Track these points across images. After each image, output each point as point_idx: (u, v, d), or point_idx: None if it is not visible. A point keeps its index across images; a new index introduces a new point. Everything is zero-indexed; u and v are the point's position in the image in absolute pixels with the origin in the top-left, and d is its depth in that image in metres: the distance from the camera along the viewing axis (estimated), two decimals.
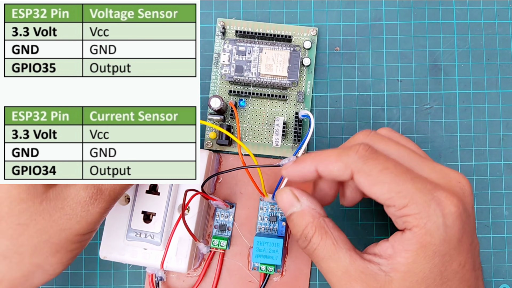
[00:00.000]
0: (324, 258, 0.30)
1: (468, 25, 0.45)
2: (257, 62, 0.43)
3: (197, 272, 0.43)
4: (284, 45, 0.43)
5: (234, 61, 0.43)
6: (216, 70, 0.44)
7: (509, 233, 0.43)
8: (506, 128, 0.44)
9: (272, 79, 0.43)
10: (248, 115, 0.44)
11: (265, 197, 0.42)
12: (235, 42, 0.43)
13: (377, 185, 0.28)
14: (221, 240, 0.42)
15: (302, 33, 0.44)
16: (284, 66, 0.42)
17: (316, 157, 0.31)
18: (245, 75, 0.43)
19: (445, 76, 0.44)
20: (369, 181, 0.28)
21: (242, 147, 0.38)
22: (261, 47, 0.43)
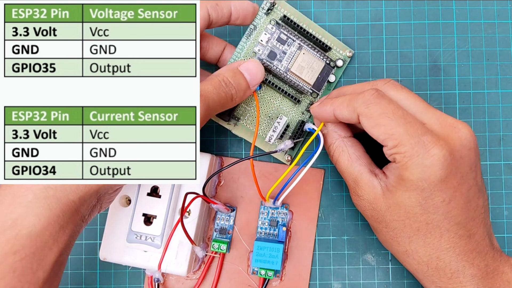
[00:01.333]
0: (341, 170, 0.37)
1: (468, 25, 0.45)
2: (291, 58, 0.41)
3: (196, 275, 0.43)
4: (321, 54, 0.42)
5: (270, 45, 0.42)
6: (246, 41, 0.42)
7: (509, 233, 0.43)
8: (506, 128, 0.44)
9: (297, 81, 0.42)
10: (263, 101, 0.43)
11: (266, 202, 0.41)
12: (279, 27, 0.41)
13: (375, 127, 0.33)
14: (221, 243, 0.42)
15: (339, 49, 0.43)
16: (314, 75, 0.42)
17: (334, 102, 0.36)
18: (275, 64, 0.41)
19: (445, 76, 0.44)
20: (370, 123, 0.33)
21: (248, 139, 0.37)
22: (302, 45, 0.41)
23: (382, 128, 0.32)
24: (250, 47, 0.42)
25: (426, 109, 0.34)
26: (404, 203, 0.33)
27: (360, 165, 0.36)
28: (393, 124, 0.32)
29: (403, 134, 0.32)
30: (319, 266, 0.43)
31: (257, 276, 0.43)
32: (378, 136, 0.33)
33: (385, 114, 0.32)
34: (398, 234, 0.34)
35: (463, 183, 0.32)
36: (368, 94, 0.33)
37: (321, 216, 0.44)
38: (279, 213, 0.43)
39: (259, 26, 0.42)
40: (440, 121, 0.33)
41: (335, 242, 0.44)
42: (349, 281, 0.43)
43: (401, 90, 0.35)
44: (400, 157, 0.32)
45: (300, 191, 0.43)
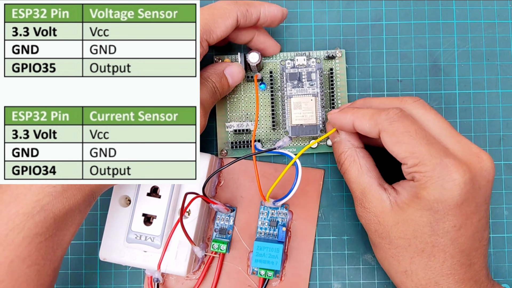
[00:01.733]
0: (350, 180, 0.37)
1: (468, 25, 0.45)
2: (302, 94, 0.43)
3: (196, 275, 0.43)
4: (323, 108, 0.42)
5: (299, 70, 0.43)
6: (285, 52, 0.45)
7: (509, 233, 0.43)
8: (506, 128, 0.44)
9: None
10: (252, 98, 0.44)
11: (266, 202, 0.41)
12: (320, 71, 0.43)
13: (397, 145, 0.33)
14: (221, 244, 0.42)
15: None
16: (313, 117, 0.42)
17: (355, 113, 0.36)
18: (286, 85, 0.43)
19: (445, 76, 0.44)
20: (391, 140, 0.33)
21: None
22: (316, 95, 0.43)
23: (404, 146, 0.32)
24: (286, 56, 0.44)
25: (452, 134, 0.34)
26: (414, 221, 0.33)
27: (370, 177, 0.36)
28: (415, 143, 0.32)
29: (425, 154, 0.32)
30: (319, 266, 0.43)
31: (257, 276, 0.43)
32: (398, 153, 0.33)
33: (408, 133, 0.32)
34: (400, 252, 0.34)
35: (476, 212, 0.32)
36: (393, 112, 0.33)
37: (321, 216, 0.44)
38: (279, 213, 0.43)
39: (312, 60, 0.43)
40: (465, 148, 0.33)
41: (335, 242, 0.44)
42: (349, 281, 0.43)
43: (429, 111, 0.35)
44: (420, 176, 0.32)
45: (300, 192, 0.43)
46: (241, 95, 0.44)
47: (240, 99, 0.44)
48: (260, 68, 0.43)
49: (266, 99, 0.44)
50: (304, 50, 0.44)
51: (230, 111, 0.44)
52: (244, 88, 0.44)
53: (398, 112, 0.33)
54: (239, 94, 0.44)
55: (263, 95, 0.44)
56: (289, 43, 0.45)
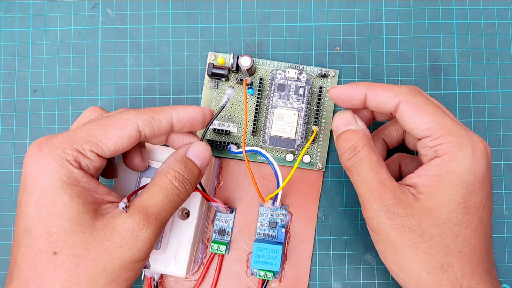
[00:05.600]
0: (366, 169, 0.32)
1: (468, 25, 0.45)
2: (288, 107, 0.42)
3: (195, 276, 0.43)
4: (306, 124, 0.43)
5: (288, 83, 0.42)
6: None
7: (509, 233, 0.44)
8: (506, 128, 0.44)
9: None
10: (238, 100, 0.44)
11: (265, 203, 0.41)
12: (308, 84, 0.43)
13: (420, 115, 0.31)
14: (220, 245, 0.42)
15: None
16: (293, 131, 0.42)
17: (369, 84, 0.34)
18: (273, 95, 0.42)
19: (445, 76, 0.44)
20: (413, 111, 0.32)
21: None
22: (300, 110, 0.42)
23: (428, 117, 0.31)
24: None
25: (455, 121, 0.33)
26: (447, 201, 0.31)
27: (387, 171, 0.33)
28: (440, 114, 0.32)
29: (450, 124, 0.31)
30: (319, 266, 0.43)
31: (256, 277, 0.42)
32: (421, 124, 0.32)
33: (431, 104, 0.32)
34: (434, 243, 0.31)
35: (490, 195, 0.32)
36: (412, 86, 0.33)
37: (321, 216, 0.44)
38: (278, 214, 0.43)
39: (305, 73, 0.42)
40: (466, 129, 0.33)
41: (335, 242, 0.44)
42: (349, 281, 0.43)
43: (433, 99, 0.34)
44: (447, 147, 0.31)
45: (299, 193, 0.43)
46: None
47: None
48: (252, 72, 0.43)
49: (251, 104, 0.44)
50: (304, 50, 0.44)
51: (214, 109, 0.44)
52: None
53: (418, 89, 0.33)
54: None
55: (249, 100, 0.44)
56: (289, 43, 0.45)
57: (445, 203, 0.31)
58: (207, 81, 0.44)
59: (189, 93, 0.45)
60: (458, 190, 0.30)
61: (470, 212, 0.31)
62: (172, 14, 0.45)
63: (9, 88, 0.45)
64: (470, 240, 0.31)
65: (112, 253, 0.29)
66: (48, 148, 0.29)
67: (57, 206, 0.29)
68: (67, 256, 0.29)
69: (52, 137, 0.30)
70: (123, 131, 0.31)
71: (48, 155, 0.29)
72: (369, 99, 0.34)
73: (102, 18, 0.45)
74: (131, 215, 0.30)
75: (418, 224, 0.31)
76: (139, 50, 0.45)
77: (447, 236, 0.31)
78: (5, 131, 0.45)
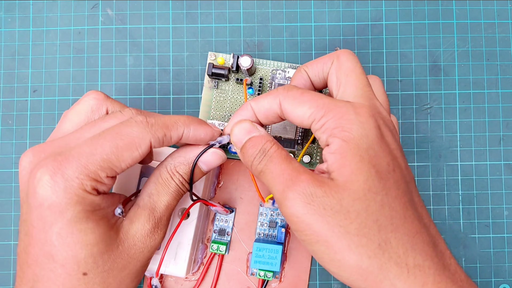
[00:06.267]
0: (277, 163, 0.30)
1: (468, 25, 0.45)
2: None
3: (195, 277, 0.43)
4: None
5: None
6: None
7: (509, 233, 0.44)
8: (506, 128, 0.44)
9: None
10: (238, 100, 0.44)
11: (265, 203, 0.41)
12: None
13: (299, 106, 0.30)
14: (220, 245, 0.42)
15: None
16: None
17: (253, 101, 0.33)
18: None
19: (445, 76, 0.44)
20: (293, 104, 0.31)
21: None
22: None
23: (307, 103, 0.30)
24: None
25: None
26: (359, 169, 0.28)
27: (297, 162, 0.31)
28: (317, 97, 0.30)
29: (328, 102, 0.30)
30: (319, 266, 0.43)
31: (256, 277, 0.42)
32: (304, 113, 0.30)
33: (307, 92, 0.31)
34: (363, 221, 0.28)
35: (398, 157, 0.30)
36: (284, 85, 0.32)
37: None
38: (278, 214, 0.43)
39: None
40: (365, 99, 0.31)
41: None
42: None
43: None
44: (333, 121, 0.29)
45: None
46: (228, 96, 0.44)
47: (226, 99, 0.44)
48: (252, 72, 0.43)
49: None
50: (304, 50, 0.44)
51: (215, 109, 0.44)
52: (232, 89, 0.44)
53: (285, 86, 0.32)
54: (226, 94, 0.44)
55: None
56: (289, 43, 0.45)
57: (357, 172, 0.28)
58: (207, 81, 0.44)
59: (189, 93, 0.45)
60: (362, 155, 0.28)
61: (383, 177, 0.28)
62: (172, 14, 0.45)
63: (9, 88, 0.45)
64: (396, 208, 0.28)
65: (136, 258, 0.32)
66: (64, 181, 0.28)
67: (84, 234, 0.29)
68: (98, 273, 0.30)
69: (63, 164, 0.28)
70: (136, 152, 0.30)
71: (67, 188, 0.28)
72: (256, 111, 0.33)
73: (102, 18, 0.45)
74: (148, 221, 0.32)
75: (340, 202, 0.28)
76: (139, 50, 0.45)
77: (373, 209, 0.28)
78: (5, 131, 0.45)
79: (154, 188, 0.33)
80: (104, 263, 0.30)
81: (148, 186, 0.33)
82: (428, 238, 0.28)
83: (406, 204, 0.28)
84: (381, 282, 0.27)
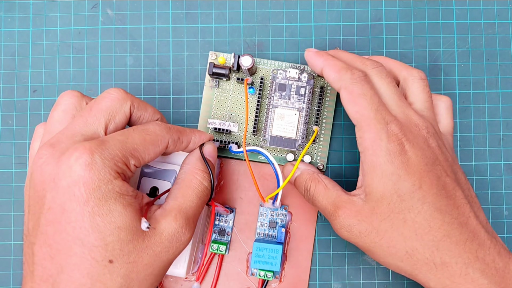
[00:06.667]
0: (319, 200, 0.37)
1: (468, 25, 0.45)
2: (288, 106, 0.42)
3: (195, 277, 0.43)
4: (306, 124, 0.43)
5: (288, 83, 0.42)
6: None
7: (509, 233, 0.44)
8: (506, 128, 0.44)
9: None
10: (239, 100, 0.44)
11: (265, 203, 0.41)
12: (310, 82, 0.42)
13: (351, 103, 0.35)
14: (220, 245, 0.42)
15: None
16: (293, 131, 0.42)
17: (327, 60, 0.37)
18: (274, 95, 0.42)
19: (445, 76, 0.44)
20: (349, 98, 0.35)
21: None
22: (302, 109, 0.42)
23: (357, 107, 0.34)
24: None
25: (397, 103, 0.36)
26: (382, 195, 0.33)
27: (336, 190, 0.37)
28: (366, 106, 0.34)
29: (372, 117, 0.34)
30: (319, 266, 0.43)
31: (256, 277, 0.42)
32: (351, 112, 0.35)
33: (364, 96, 0.34)
34: (390, 236, 0.34)
35: (428, 170, 0.33)
36: (357, 74, 0.35)
37: (321, 216, 0.44)
38: (278, 214, 0.43)
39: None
40: (405, 116, 0.35)
41: (335, 242, 0.44)
42: (349, 281, 0.43)
43: (384, 80, 0.36)
44: (366, 141, 0.34)
45: (299, 193, 0.43)
46: (229, 95, 0.44)
47: (227, 98, 0.44)
48: (253, 72, 0.43)
49: (252, 103, 0.44)
50: (304, 50, 0.44)
51: (215, 108, 0.44)
52: (233, 89, 0.44)
53: (361, 75, 0.35)
54: (227, 93, 0.44)
55: (250, 99, 0.44)
56: (289, 43, 0.45)
57: (381, 198, 0.34)
58: (208, 81, 0.44)
59: (189, 93, 0.45)
60: (385, 182, 0.33)
61: (406, 198, 0.33)
62: (172, 14, 0.45)
63: (9, 88, 0.45)
64: (420, 221, 0.33)
65: (161, 257, 0.32)
66: (102, 159, 0.29)
67: (113, 215, 0.29)
68: (123, 264, 0.30)
69: (102, 143, 0.30)
70: (158, 148, 0.33)
71: (103, 166, 0.29)
72: (323, 74, 0.37)
73: (102, 18, 0.45)
74: (175, 219, 0.32)
75: (371, 225, 0.34)
76: (139, 50, 0.45)
77: (397, 226, 0.33)
78: (5, 131, 0.45)
79: (178, 191, 0.34)
80: (129, 253, 0.30)
81: (172, 192, 0.34)
82: (460, 237, 0.33)
83: (432, 215, 0.33)
84: (416, 276, 0.34)
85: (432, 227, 0.33)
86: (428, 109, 0.37)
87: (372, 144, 0.34)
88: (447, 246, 0.33)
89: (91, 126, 0.32)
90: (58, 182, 0.29)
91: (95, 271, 0.29)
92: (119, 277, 0.30)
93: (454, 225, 0.33)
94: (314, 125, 0.43)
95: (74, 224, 0.29)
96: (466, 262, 0.32)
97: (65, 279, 0.29)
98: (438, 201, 0.33)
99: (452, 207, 0.33)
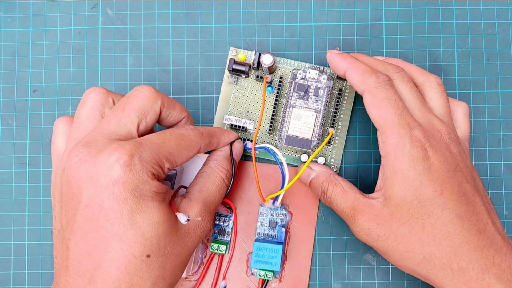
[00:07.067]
0: (337, 202, 0.37)
1: (468, 25, 0.45)
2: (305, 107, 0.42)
3: (195, 276, 0.43)
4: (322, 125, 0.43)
5: (308, 83, 0.42)
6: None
7: (509, 233, 0.44)
8: (506, 128, 0.44)
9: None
10: (257, 97, 0.44)
11: (265, 203, 0.41)
12: (330, 83, 0.42)
13: (375, 107, 0.35)
14: (220, 244, 0.42)
15: None
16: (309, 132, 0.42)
17: (351, 63, 0.37)
18: (292, 95, 0.42)
19: (445, 76, 0.44)
20: (372, 102, 0.35)
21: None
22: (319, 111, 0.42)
23: (381, 111, 0.34)
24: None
25: (419, 108, 0.36)
26: (403, 200, 0.34)
27: (354, 193, 0.37)
28: (391, 110, 0.34)
29: (395, 122, 0.34)
30: (319, 266, 0.43)
31: (256, 277, 0.42)
32: (374, 116, 0.35)
33: (388, 100, 0.34)
34: (408, 241, 0.34)
35: (450, 177, 0.34)
36: (382, 78, 0.35)
37: (321, 216, 0.44)
38: (278, 214, 0.43)
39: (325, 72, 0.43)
40: (427, 122, 0.35)
41: (335, 242, 0.44)
42: (349, 281, 0.43)
43: (406, 85, 0.36)
44: (389, 146, 0.34)
45: (300, 192, 0.43)
46: (247, 93, 0.44)
47: (245, 95, 0.44)
48: (272, 70, 0.43)
49: (269, 102, 0.44)
50: (304, 50, 0.44)
51: (232, 104, 0.44)
52: (251, 86, 0.44)
53: (386, 79, 0.35)
54: (244, 90, 0.44)
55: (268, 98, 0.44)
56: (289, 43, 0.45)
57: (401, 203, 0.34)
58: (226, 77, 0.44)
59: (189, 93, 0.45)
60: (406, 188, 0.34)
61: (426, 204, 0.33)
62: (172, 14, 0.45)
63: (9, 88, 0.45)
64: (439, 226, 0.33)
65: (189, 247, 0.34)
66: (140, 161, 0.30)
67: (151, 212, 0.30)
68: (159, 257, 0.31)
69: (141, 146, 0.31)
70: (191, 153, 0.35)
71: (141, 168, 0.30)
72: (347, 76, 0.37)
73: (102, 18, 0.45)
74: (201, 211, 0.34)
75: (390, 229, 0.34)
76: (139, 50, 0.45)
77: (416, 231, 0.34)
78: (5, 131, 0.45)
79: (203, 184, 0.36)
80: (165, 246, 0.31)
81: (197, 184, 0.36)
82: (478, 243, 0.33)
83: (452, 221, 0.33)
84: (432, 280, 0.34)
85: (451, 233, 0.33)
86: (447, 114, 0.37)
87: (395, 149, 0.34)
88: (465, 252, 0.33)
89: (125, 127, 0.33)
90: (96, 180, 0.29)
91: (132, 266, 0.30)
92: (155, 269, 0.31)
93: (472, 231, 0.33)
94: (330, 127, 0.43)
95: (113, 221, 0.29)
96: (482, 268, 0.33)
97: (102, 274, 0.29)
98: (458, 207, 0.33)
99: (471, 214, 0.33)
